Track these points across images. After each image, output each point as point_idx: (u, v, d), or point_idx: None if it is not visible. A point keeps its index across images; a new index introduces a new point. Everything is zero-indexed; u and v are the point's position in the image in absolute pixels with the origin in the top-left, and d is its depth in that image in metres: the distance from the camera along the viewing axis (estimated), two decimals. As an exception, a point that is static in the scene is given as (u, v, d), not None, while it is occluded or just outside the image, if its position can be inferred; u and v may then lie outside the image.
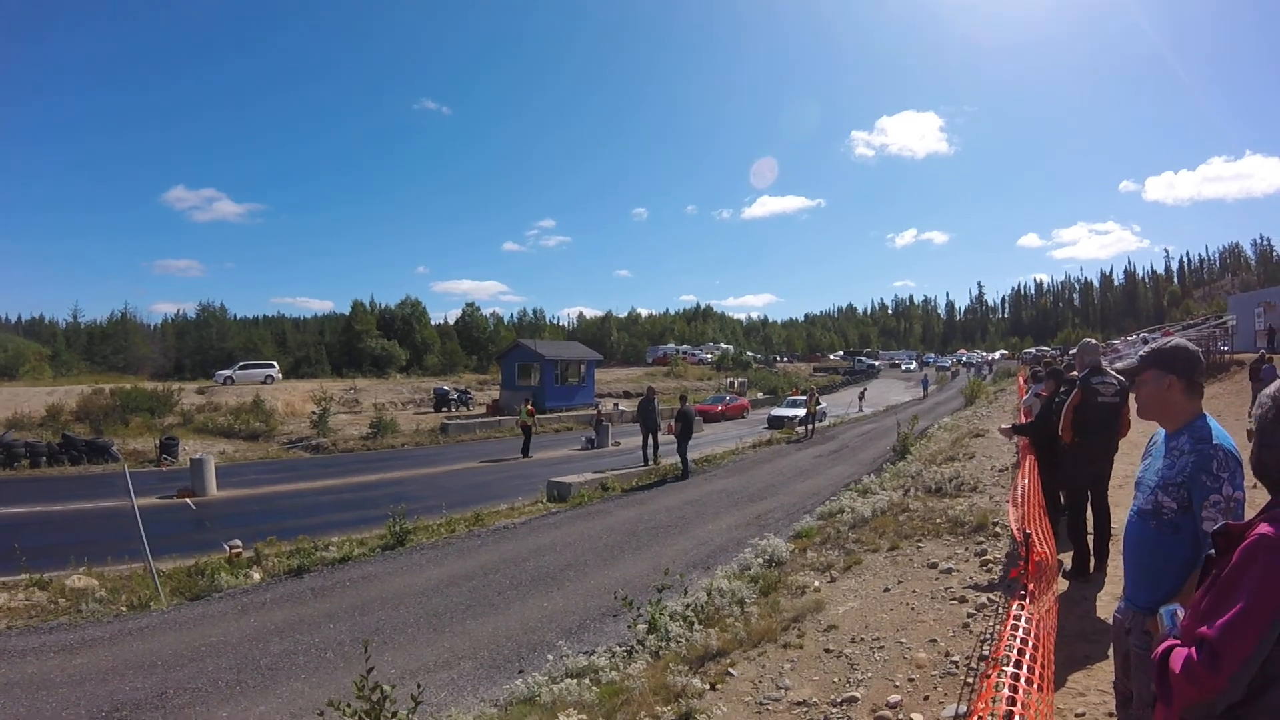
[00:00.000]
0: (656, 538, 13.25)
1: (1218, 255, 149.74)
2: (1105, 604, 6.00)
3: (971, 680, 5.00)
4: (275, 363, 54.79)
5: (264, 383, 46.83)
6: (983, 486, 11.55)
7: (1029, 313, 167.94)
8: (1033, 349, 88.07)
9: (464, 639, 8.71)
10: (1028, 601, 3.48)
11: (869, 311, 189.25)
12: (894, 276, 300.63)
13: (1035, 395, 10.49)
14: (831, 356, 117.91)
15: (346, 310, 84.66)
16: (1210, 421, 2.82)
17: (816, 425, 31.65)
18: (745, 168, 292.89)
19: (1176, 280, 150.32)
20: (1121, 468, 7.33)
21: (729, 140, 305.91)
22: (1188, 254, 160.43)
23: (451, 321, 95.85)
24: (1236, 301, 45.09)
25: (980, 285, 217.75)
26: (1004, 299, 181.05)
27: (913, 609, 6.66)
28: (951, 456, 15.60)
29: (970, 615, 6.25)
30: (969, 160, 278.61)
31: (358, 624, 9.25)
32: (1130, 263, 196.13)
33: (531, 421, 27.46)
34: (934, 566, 7.87)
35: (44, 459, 24.26)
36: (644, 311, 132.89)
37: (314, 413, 34.49)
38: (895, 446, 19.92)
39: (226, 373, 48.18)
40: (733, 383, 64.55)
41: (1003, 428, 10.54)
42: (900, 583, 7.53)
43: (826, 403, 39.59)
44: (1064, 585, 6.49)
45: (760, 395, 56.68)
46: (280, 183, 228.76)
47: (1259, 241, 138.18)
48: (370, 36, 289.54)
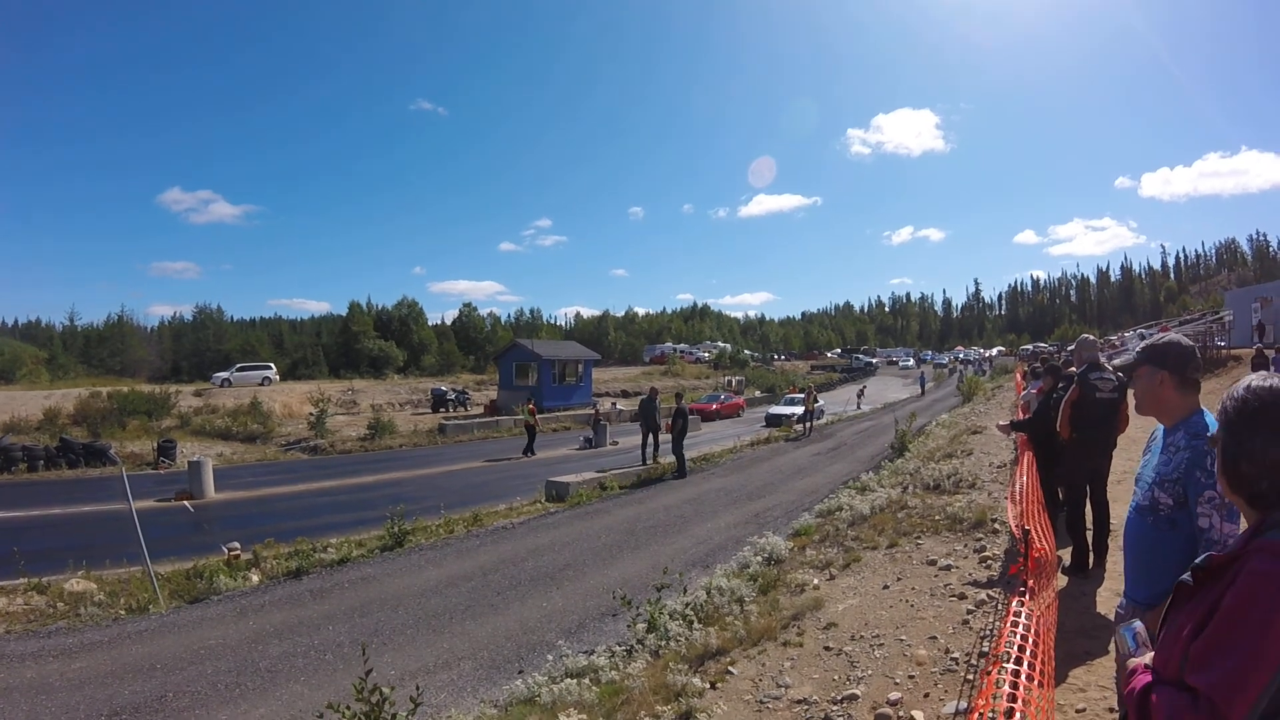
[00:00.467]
0: (655, 537, 13.25)
1: (1214, 251, 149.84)
2: (1105, 599, 6.01)
3: (972, 677, 5.00)
4: (272, 364, 54.75)
5: (261, 384, 46.76)
6: (981, 483, 11.56)
7: (1026, 309, 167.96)
8: (1030, 345, 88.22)
9: (463, 640, 8.70)
10: (1027, 598, 3.47)
11: (866, 309, 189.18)
12: (891, 274, 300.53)
13: (1033, 391, 10.50)
14: (829, 354, 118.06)
15: (343, 311, 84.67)
16: (1207, 417, 2.81)
17: (814, 423, 31.66)
18: (741, 166, 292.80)
19: (1173, 276, 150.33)
20: (1120, 463, 7.34)
21: (725, 139, 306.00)
22: (1184, 250, 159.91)
23: (449, 322, 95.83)
24: (1233, 297, 45.18)
25: (977, 282, 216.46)
26: (1001, 296, 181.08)
27: (912, 606, 6.66)
28: (950, 453, 15.62)
29: (970, 612, 6.26)
30: (965, 158, 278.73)
31: (357, 626, 9.24)
32: (1127, 259, 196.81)
33: (534, 421, 27.48)
34: (933, 563, 7.87)
35: (41, 463, 24.21)
36: (641, 311, 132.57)
37: (311, 414, 34.47)
38: (893, 444, 19.94)
39: (224, 375, 48.10)
40: (730, 381, 64.56)
41: (1001, 424, 10.54)
42: (899, 580, 7.53)
43: (824, 400, 39.56)
44: (1064, 581, 6.49)
45: (758, 393, 56.66)
46: (277, 184, 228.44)
47: (1255, 237, 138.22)
48: (366, 37, 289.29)
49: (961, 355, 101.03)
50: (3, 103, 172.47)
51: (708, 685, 5.60)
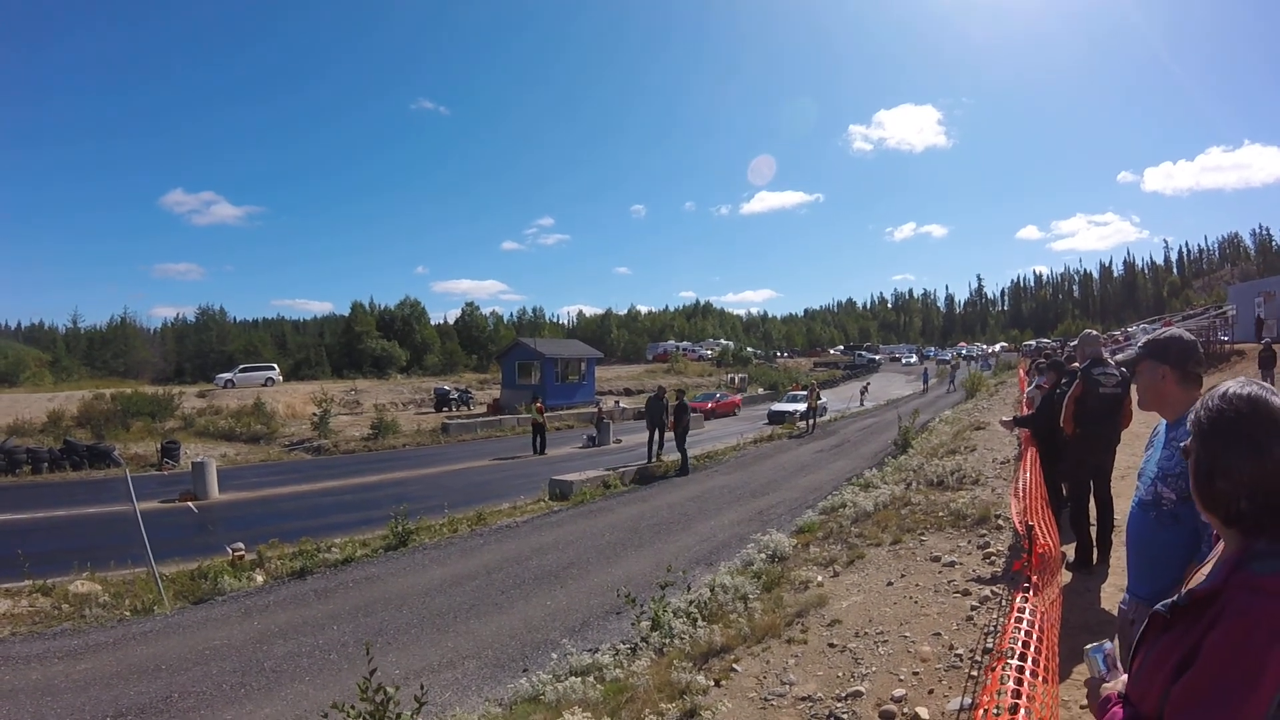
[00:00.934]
0: (659, 534, 13.26)
1: (1217, 245, 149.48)
2: (1109, 595, 6.00)
3: (976, 673, 4.99)
4: (275, 365, 54.86)
5: (264, 385, 46.85)
6: (985, 479, 11.56)
7: (1029, 305, 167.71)
8: (1033, 341, 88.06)
9: (467, 638, 8.71)
10: (1031, 594, 3.47)
11: (869, 306, 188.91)
12: (893, 270, 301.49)
13: (1037, 387, 10.49)
14: (832, 351, 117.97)
15: (346, 311, 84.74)
16: None
17: (817, 420, 31.64)
18: (743, 163, 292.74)
19: (1176, 271, 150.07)
20: (1124, 459, 7.33)
21: (726, 136, 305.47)
22: (1187, 244, 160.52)
23: (451, 321, 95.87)
24: (1236, 291, 45.18)
25: (980, 278, 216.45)
26: (1003, 291, 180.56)
27: (916, 602, 6.66)
28: (953, 450, 15.61)
29: (974, 608, 6.25)
30: (967, 153, 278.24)
31: (361, 625, 9.25)
32: (1129, 254, 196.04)
33: (543, 419, 27.51)
34: (937, 560, 7.87)
35: (46, 465, 24.25)
36: (644, 309, 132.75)
37: (315, 414, 34.48)
38: (897, 440, 19.96)
39: (227, 376, 48.22)
40: (733, 379, 64.56)
41: (1004, 420, 10.53)
42: (903, 576, 7.53)
43: (827, 397, 39.54)
44: (1067, 577, 6.49)
45: (761, 391, 56.61)
46: (279, 185, 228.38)
47: (1258, 231, 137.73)
48: (367, 37, 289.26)
49: (965, 351, 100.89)
50: (5, 104, 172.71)
51: (712, 683, 5.60)
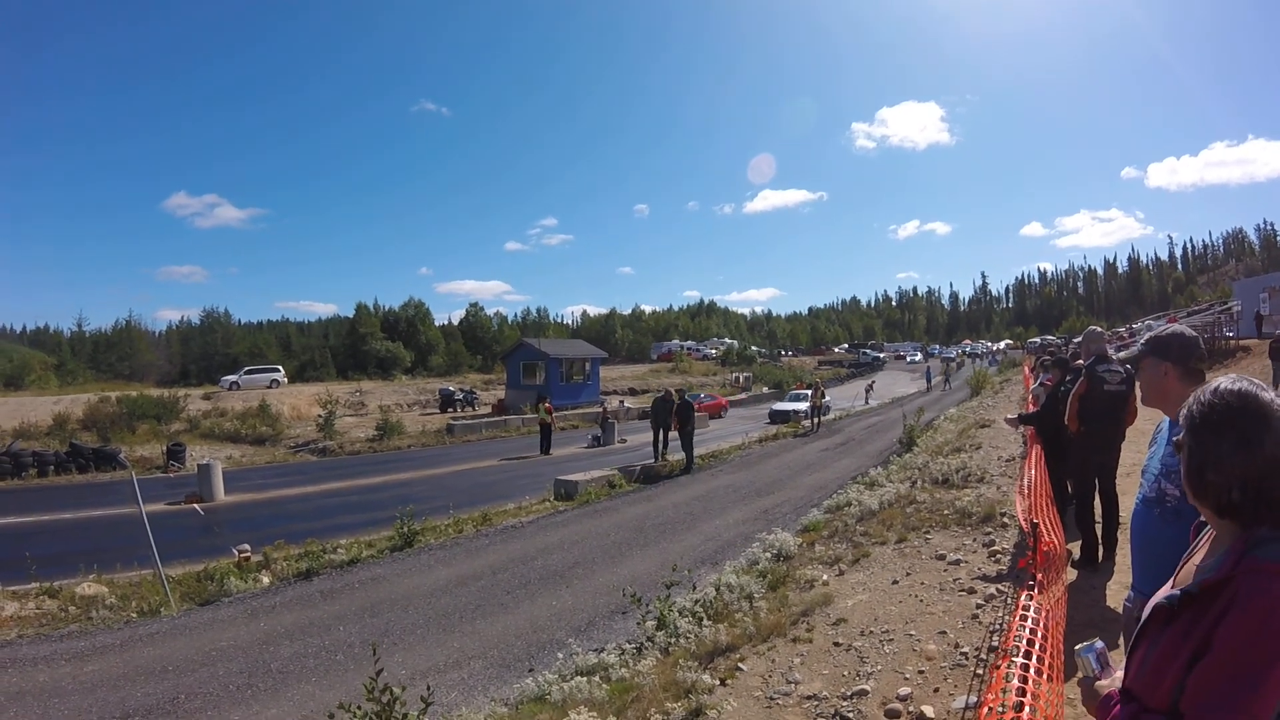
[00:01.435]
0: (664, 534, 13.26)
1: (1221, 241, 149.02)
2: (1114, 593, 5.99)
3: (981, 671, 4.99)
4: (280, 367, 55.04)
5: (269, 387, 46.95)
6: (990, 477, 11.55)
7: (1033, 302, 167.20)
8: (1038, 338, 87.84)
9: (473, 639, 8.72)
10: (1036, 592, 3.47)
11: (873, 304, 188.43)
12: (897, 268, 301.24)
13: (1041, 385, 10.47)
14: (836, 349, 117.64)
15: (350, 313, 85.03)
16: None
17: (821, 419, 31.50)
18: (746, 162, 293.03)
19: (1180, 267, 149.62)
20: (1129, 456, 7.30)
21: (729, 135, 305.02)
22: (1191, 240, 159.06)
23: (455, 322, 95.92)
24: (1241, 287, 45.03)
25: (984, 275, 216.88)
26: (1008, 289, 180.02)
27: (921, 601, 6.65)
28: (958, 448, 15.60)
29: (979, 606, 6.25)
30: (971, 150, 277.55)
31: (367, 626, 9.27)
32: (1134, 250, 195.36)
33: (550, 419, 27.52)
34: (942, 558, 7.86)
35: (51, 468, 24.31)
36: (647, 308, 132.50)
37: (320, 416, 34.55)
38: (902, 438, 19.93)
39: (232, 378, 48.36)
40: (738, 378, 64.54)
41: (1009, 417, 10.52)
42: (909, 575, 7.52)
43: (831, 396, 39.43)
44: (1073, 575, 6.48)
45: (766, 390, 56.57)
46: (282, 187, 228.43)
47: (1263, 226, 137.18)
48: (368, 39, 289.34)
49: (969, 349, 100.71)
50: (8, 106, 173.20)
51: (717, 682, 5.60)
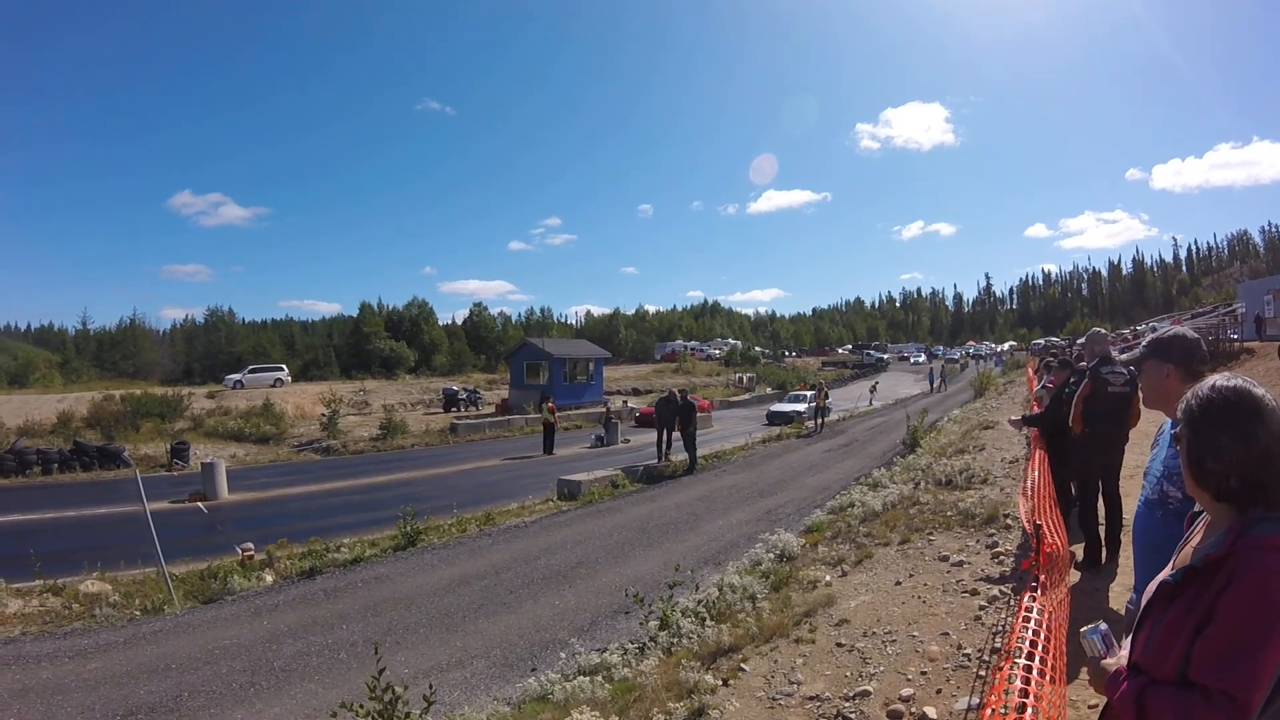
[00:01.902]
0: (667, 534, 13.26)
1: (1226, 243, 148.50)
2: (1117, 595, 5.99)
3: (984, 673, 4.98)
4: (284, 366, 55.13)
5: (273, 386, 47.02)
6: (993, 478, 11.53)
7: (1037, 303, 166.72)
8: (1042, 340, 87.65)
9: (476, 638, 8.73)
10: (1039, 593, 3.47)
11: (877, 305, 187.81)
12: (901, 269, 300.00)
13: (1044, 387, 10.46)
14: (840, 350, 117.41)
15: (354, 312, 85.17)
16: None
17: (825, 419, 31.35)
18: (750, 162, 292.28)
19: (1185, 269, 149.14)
20: (1132, 458, 7.29)
21: (733, 135, 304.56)
22: (1196, 242, 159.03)
23: (459, 322, 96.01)
24: (1245, 289, 44.97)
25: (988, 277, 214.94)
26: (1012, 290, 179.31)
27: (924, 602, 6.65)
28: (961, 449, 15.57)
29: (982, 608, 6.24)
30: (975, 151, 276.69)
31: (370, 625, 9.28)
32: (1138, 251, 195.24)
33: (553, 419, 27.52)
34: (945, 559, 7.85)
35: (56, 466, 24.32)
36: (651, 308, 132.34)
37: (323, 415, 34.58)
38: (905, 440, 19.90)
39: (236, 376, 48.43)
40: (741, 378, 64.60)
41: (1012, 419, 10.51)
42: (911, 576, 7.52)
43: (834, 397, 39.21)
44: (1076, 577, 6.47)
45: (769, 390, 56.50)
46: (286, 186, 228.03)
47: (1267, 228, 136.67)
48: (371, 38, 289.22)
49: (973, 350, 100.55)
50: (12, 104, 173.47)
51: (720, 682, 5.60)
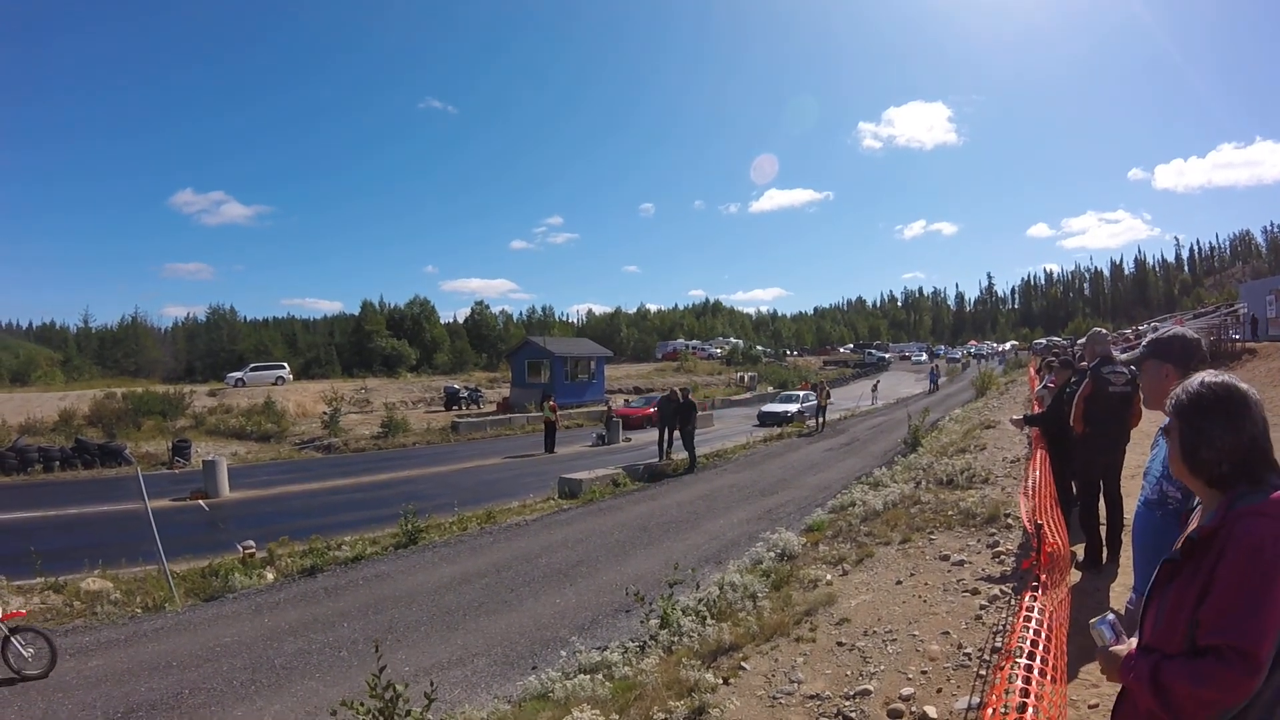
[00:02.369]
0: (668, 533, 13.26)
1: (1228, 243, 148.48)
2: (1118, 594, 5.98)
3: (984, 672, 4.98)
4: (286, 364, 55.16)
5: (275, 384, 47.04)
6: (994, 478, 11.52)
7: (1039, 303, 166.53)
8: (1043, 339, 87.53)
9: (477, 636, 8.73)
10: (1040, 593, 3.47)
11: (878, 304, 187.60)
12: (903, 268, 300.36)
13: (1046, 386, 10.46)
14: (842, 349, 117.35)
15: (356, 311, 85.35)
16: None
17: (826, 419, 31.19)
18: (752, 161, 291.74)
19: (1187, 269, 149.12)
20: (1134, 458, 7.28)
21: (735, 134, 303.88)
22: (1198, 242, 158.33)
23: (461, 320, 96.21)
24: (1248, 289, 44.90)
25: (990, 276, 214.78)
26: (1014, 290, 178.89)
27: (925, 601, 6.65)
28: (963, 448, 15.56)
29: (983, 607, 6.24)
30: (978, 150, 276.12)
31: (371, 622, 9.28)
32: (1141, 251, 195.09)
33: (555, 418, 27.52)
34: (946, 559, 7.85)
35: (57, 463, 24.41)
36: (653, 307, 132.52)
37: (325, 413, 34.64)
38: (906, 439, 19.88)
39: (238, 375, 48.43)
40: (743, 377, 64.57)
41: (1014, 419, 10.51)
42: (912, 575, 7.52)
43: (835, 396, 38.97)
44: (1077, 576, 6.47)
45: (771, 389, 56.47)
46: (288, 185, 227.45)
47: (1269, 228, 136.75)
48: (373, 36, 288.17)
49: (974, 349, 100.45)
50: (12, 103, 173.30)
51: (721, 681, 5.60)
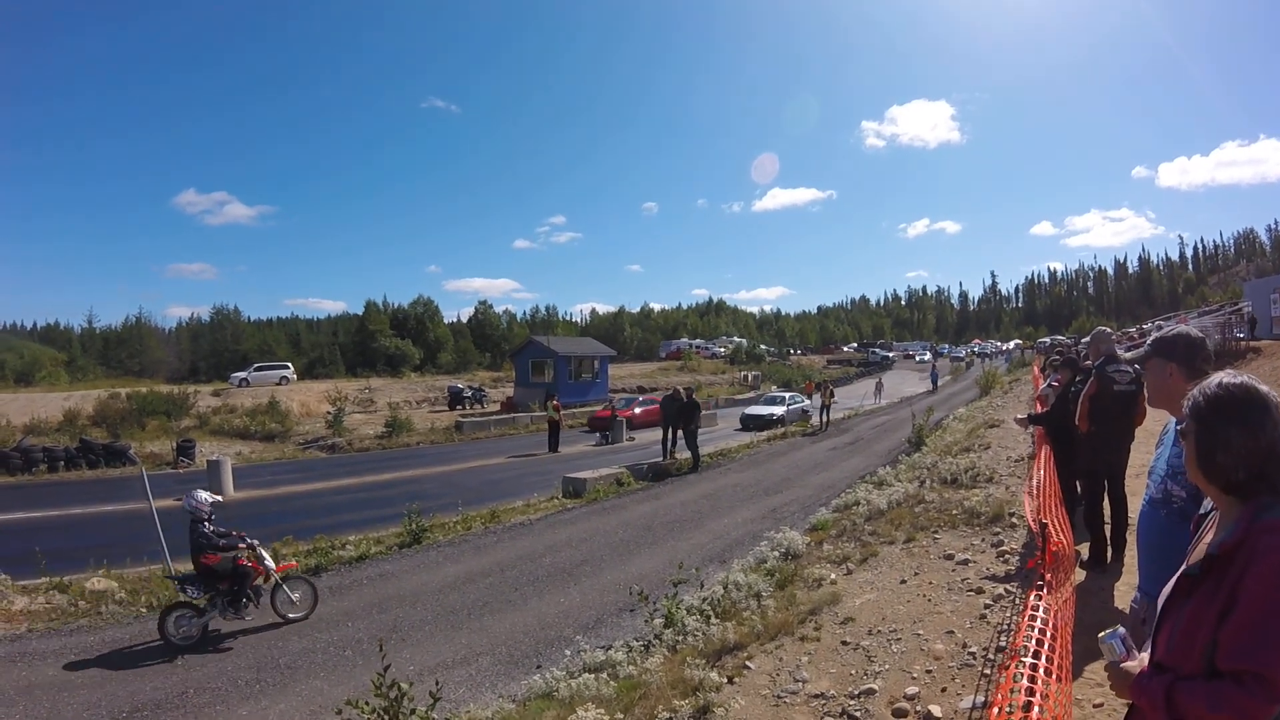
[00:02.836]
0: (672, 532, 13.25)
1: (1232, 241, 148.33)
2: (1122, 594, 5.97)
3: (989, 671, 4.98)
4: (290, 364, 55.26)
5: (279, 384, 47.10)
6: (999, 477, 11.51)
7: (1043, 302, 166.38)
8: (1047, 338, 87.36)
9: (481, 635, 8.74)
10: (1045, 592, 3.46)
11: (882, 303, 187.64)
12: (907, 267, 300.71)
13: (1050, 385, 10.44)
14: (845, 349, 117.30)
15: (359, 310, 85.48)
16: None
17: (830, 418, 31.05)
18: (754, 160, 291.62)
19: (1191, 267, 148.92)
20: (1138, 457, 7.27)
21: (738, 133, 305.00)
22: (1202, 240, 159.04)
23: (464, 319, 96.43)
24: (1252, 288, 44.70)
25: (994, 275, 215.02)
26: (1017, 288, 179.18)
27: (930, 600, 6.64)
28: (967, 447, 15.55)
29: (987, 606, 6.24)
30: (981, 149, 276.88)
31: (375, 622, 9.29)
32: (1145, 250, 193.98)
33: (558, 417, 27.51)
34: (950, 558, 7.85)
35: (62, 463, 24.46)
36: (656, 306, 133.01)
37: (329, 413, 34.70)
38: (910, 438, 19.89)
39: (241, 374, 48.51)
40: (746, 377, 64.56)
41: (1018, 417, 10.49)
42: (917, 574, 7.51)
43: (839, 395, 38.77)
44: (1081, 576, 6.46)
45: (775, 389, 56.43)
46: (290, 185, 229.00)
47: (1274, 227, 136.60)
48: (376, 36, 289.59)
49: (978, 348, 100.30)
50: (16, 103, 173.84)
51: (725, 680, 5.60)
